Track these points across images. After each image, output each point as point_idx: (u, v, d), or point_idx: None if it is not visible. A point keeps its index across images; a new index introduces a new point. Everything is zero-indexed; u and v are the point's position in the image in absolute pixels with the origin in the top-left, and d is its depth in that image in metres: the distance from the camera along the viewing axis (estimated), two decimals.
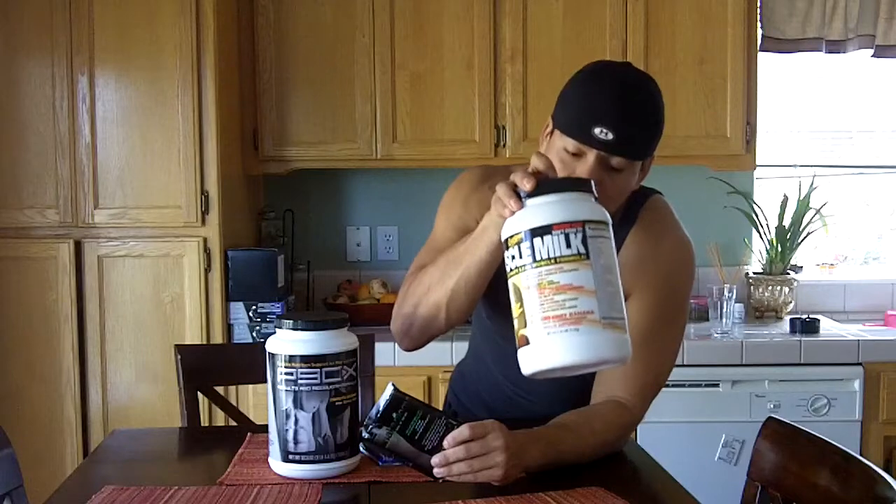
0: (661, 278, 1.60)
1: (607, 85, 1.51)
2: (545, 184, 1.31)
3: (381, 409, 1.39)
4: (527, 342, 1.27)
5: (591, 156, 1.49)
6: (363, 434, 1.42)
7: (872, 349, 2.88)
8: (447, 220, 1.71)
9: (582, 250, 1.25)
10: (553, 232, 1.25)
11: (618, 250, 1.60)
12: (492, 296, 1.71)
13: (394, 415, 1.39)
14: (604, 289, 1.25)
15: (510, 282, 1.31)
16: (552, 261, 1.25)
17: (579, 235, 1.25)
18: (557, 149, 1.53)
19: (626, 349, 1.27)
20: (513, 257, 1.29)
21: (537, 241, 1.26)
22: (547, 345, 1.24)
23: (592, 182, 1.34)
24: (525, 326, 1.27)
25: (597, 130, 1.47)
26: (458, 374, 1.93)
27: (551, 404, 1.62)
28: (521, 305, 1.27)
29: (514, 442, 1.40)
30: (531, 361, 1.27)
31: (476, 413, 1.77)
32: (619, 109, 1.47)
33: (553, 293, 1.24)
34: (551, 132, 1.57)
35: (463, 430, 1.38)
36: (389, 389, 1.40)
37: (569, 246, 1.25)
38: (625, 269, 1.60)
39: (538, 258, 1.25)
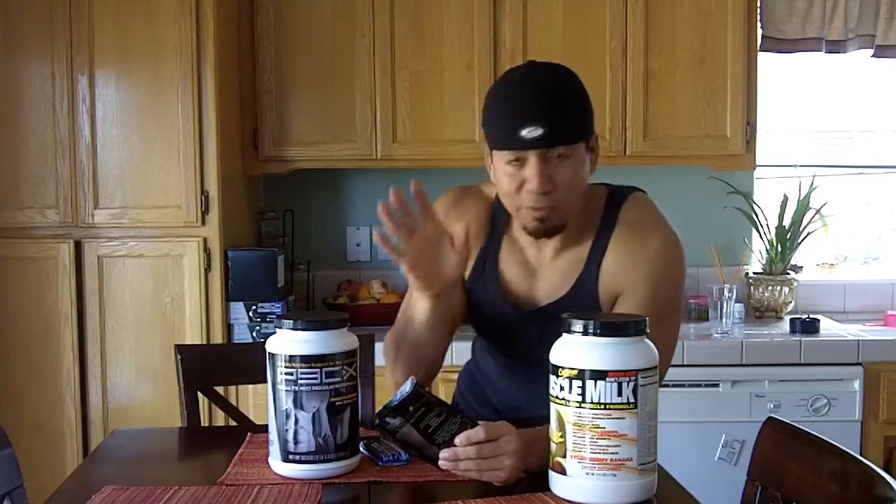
0: (649, 278, 1.59)
1: (514, 87, 1.53)
2: (607, 325, 1.32)
3: (398, 400, 1.38)
4: (563, 471, 1.33)
5: (531, 157, 1.50)
6: (375, 420, 1.41)
7: (872, 349, 2.88)
8: None
9: (632, 399, 1.30)
10: (607, 379, 1.29)
11: (602, 254, 1.62)
12: (475, 322, 1.74)
13: (410, 408, 1.38)
14: (644, 436, 1.31)
15: (553, 406, 1.35)
16: (601, 406, 1.29)
17: (631, 385, 1.30)
18: (501, 168, 1.54)
19: (653, 490, 1.35)
20: (561, 388, 1.32)
21: (590, 383, 1.29)
22: (584, 483, 1.32)
23: (647, 319, 1.36)
24: (564, 457, 1.33)
25: (524, 132, 1.48)
26: (465, 375, 1.94)
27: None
28: (563, 436, 1.33)
29: (521, 445, 1.40)
30: (565, 490, 1.34)
31: (484, 413, 1.78)
32: (534, 102, 1.49)
33: (598, 437, 1.30)
34: (491, 156, 1.58)
35: (479, 432, 1.38)
36: (409, 383, 1.39)
37: (620, 394, 1.29)
38: (613, 272, 1.61)
39: (588, 400, 1.30)
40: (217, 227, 2.84)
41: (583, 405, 1.30)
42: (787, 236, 3.34)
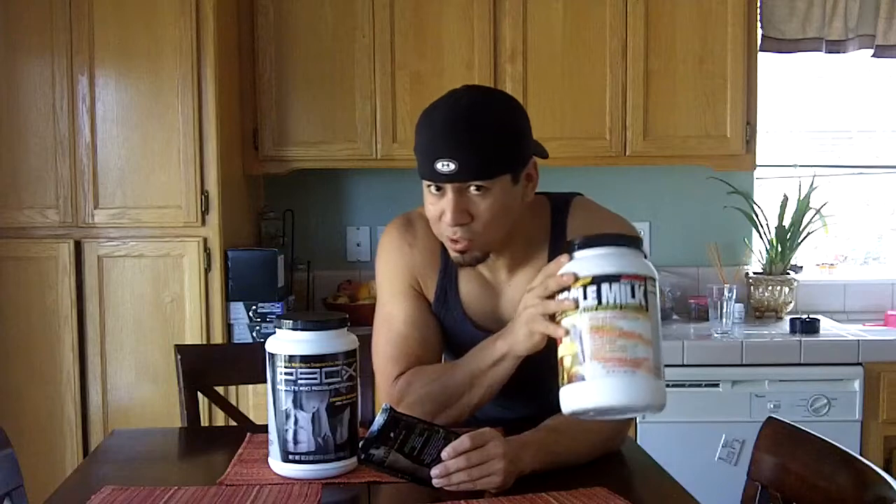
0: None
1: (437, 118, 1.50)
2: (616, 237, 1.36)
3: (377, 429, 1.36)
4: (580, 379, 1.31)
5: (447, 189, 1.50)
6: (360, 455, 1.39)
7: (872, 349, 2.88)
8: (393, 297, 1.71)
9: (643, 302, 1.31)
10: (621, 281, 1.31)
11: None
12: (448, 346, 1.74)
13: (391, 434, 1.36)
14: (657, 342, 1.32)
15: (566, 320, 1.34)
16: (618, 307, 1.30)
17: (642, 288, 1.31)
18: (427, 194, 1.54)
19: (665, 399, 1.33)
20: (575, 298, 1.33)
21: (605, 286, 1.31)
22: (604, 383, 1.29)
23: (641, 237, 1.38)
24: (581, 364, 1.31)
25: (439, 165, 1.47)
26: None
27: (526, 407, 1.65)
28: (579, 344, 1.31)
29: (511, 448, 1.40)
30: (581, 397, 1.31)
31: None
32: (450, 139, 1.46)
33: (615, 337, 1.29)
34: None
35: (464, 441, 1.37)
36: (385, 411, 1.37)
37: (633, 297, 1.30)
38: None
39: (604, 303, 1.30)
40: (217, 227, 2.84)
41: (599, 309, 1.30)
42: (787, 236, 3.34)
